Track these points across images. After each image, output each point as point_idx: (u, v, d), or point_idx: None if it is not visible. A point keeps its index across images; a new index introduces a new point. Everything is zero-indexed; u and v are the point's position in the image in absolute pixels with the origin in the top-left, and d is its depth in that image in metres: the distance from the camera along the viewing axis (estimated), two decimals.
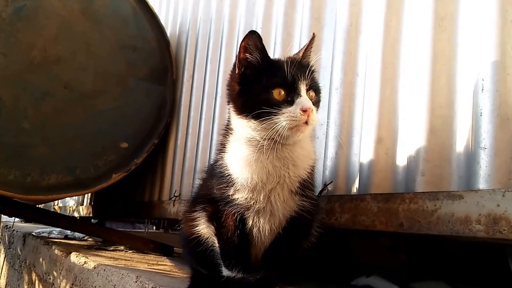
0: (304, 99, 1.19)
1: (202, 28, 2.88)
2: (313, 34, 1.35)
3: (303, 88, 1.21)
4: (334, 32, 1.82)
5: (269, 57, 1.29)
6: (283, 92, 1.20)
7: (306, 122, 1.17)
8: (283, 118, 1.17)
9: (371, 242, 2.12)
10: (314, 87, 1.26)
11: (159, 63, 3.08)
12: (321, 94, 1.32)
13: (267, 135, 1.21)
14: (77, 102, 2.78)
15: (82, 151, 2.80)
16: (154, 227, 5.59)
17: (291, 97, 1.20)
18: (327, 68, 1.82)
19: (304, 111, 1.16)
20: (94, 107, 2.84)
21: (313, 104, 1.21)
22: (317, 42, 1.90)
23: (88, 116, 2.81)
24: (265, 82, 1.22)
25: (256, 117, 1.21)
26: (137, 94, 2.98)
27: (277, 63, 1.27)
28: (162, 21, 3.20)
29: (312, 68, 1.28)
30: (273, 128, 1.18)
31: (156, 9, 3.15)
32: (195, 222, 1.44)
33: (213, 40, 2.70)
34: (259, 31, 2.25)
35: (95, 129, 2.84)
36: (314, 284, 1.79)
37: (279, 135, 1.18)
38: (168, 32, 3.22)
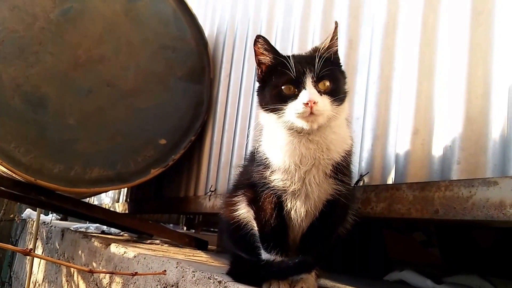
0: (307, 92, 1.25)
1: (240, 29, 2.94)
2: (336, 23, 1.37)
3: (308, 81, 1.27)
4: (372, 29, 1.86)
5: (280, 55, 1.36)
6: (291, 88, 1.28)
7: (312, 113, 1.24)
8: (288, 112, 1.27)
9: (404, 237, 2.14)
10: (328, 76, 1.28)
11: (197, 62, 3.16)
12: (341, 82, 1.34)
13: (284, 126, 1.30)
14: (119, 100, 2.89)
15: (123, 146, 2.90)
16: (185, 228, 5.70)
17: (298, 91, 1.27)
18: (365, 63, 1.87)
19: (306, 103, 1.23)
20: (135, 104, 2.94)
21: (329, 92, 1.27)
22: (355, 39, 1.95)
23: (129, 113, 2.92)
24: (276, 79, 1.33)
25: (271, 110, 1.32)
26: (176, 93, 3.07)
27: (286, 60, 1.32)
28: (201, 21, 3.28)
29: (325, 57, 1.30)
30: (284, 121, 1.29)
31: (194, 10, 3.22)
32: (235, 207, 1.50)
33: (251, 40, 2.75)
34: (297, 30, 2.32)
35: (135, 126, 2.94)
36: (347, 277, 1.81)
37: (293, 125, 1.28)
38: (206, 32, 3.29)
